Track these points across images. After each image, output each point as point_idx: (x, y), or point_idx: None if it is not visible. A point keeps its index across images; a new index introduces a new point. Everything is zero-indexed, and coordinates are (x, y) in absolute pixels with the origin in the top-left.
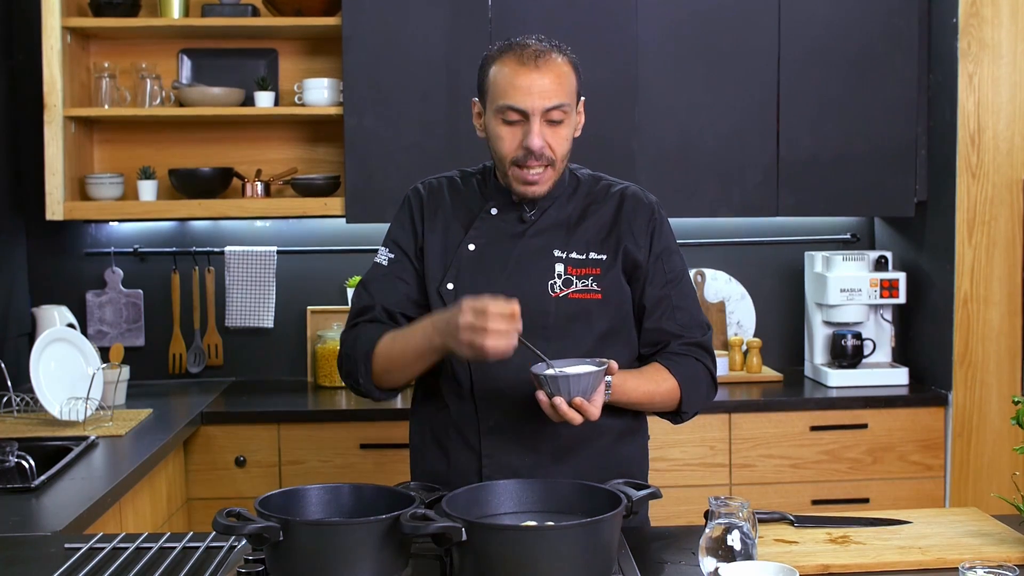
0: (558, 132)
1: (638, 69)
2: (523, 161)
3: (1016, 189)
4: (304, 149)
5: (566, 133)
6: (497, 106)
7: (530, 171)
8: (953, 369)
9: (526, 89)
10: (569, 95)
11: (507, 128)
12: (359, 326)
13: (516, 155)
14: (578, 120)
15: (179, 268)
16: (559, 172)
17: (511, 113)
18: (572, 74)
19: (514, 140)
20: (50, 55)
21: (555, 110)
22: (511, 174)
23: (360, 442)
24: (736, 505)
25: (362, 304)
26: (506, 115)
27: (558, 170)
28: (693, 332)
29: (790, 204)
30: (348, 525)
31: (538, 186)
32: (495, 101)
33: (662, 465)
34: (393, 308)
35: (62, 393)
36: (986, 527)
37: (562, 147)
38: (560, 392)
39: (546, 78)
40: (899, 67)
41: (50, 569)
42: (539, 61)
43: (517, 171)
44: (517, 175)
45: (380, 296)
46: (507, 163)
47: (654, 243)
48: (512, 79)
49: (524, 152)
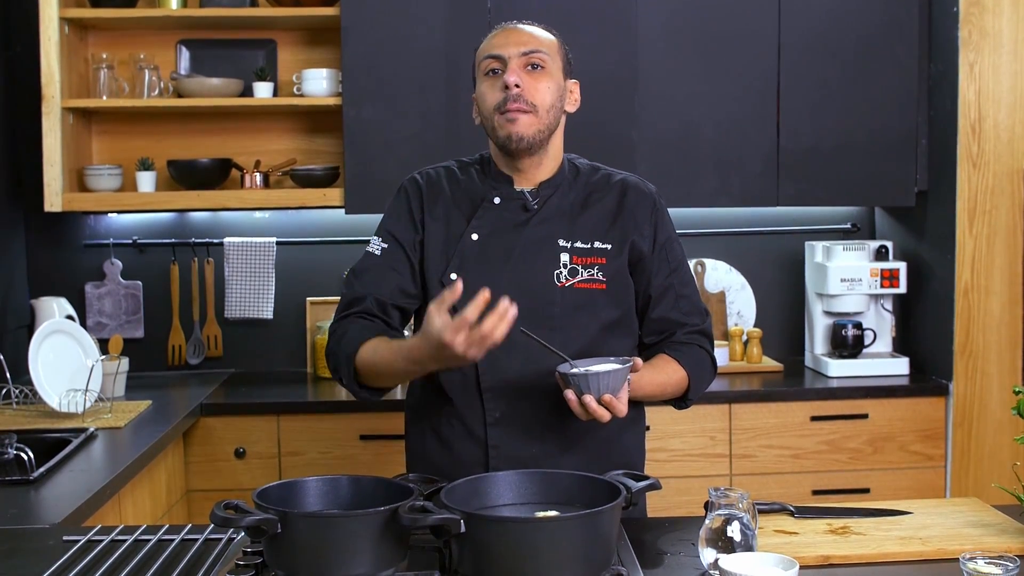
0: (539, 80)
1: (638, 58)
2: (503, 105)
3: (1017, 179)
4: (303, 140)
5: (548, 84)
6: (480, 67)
7: (510, 113)
8: (954, 359)
9: (503, 40)
10: (548, 48)
11: (489, 82)
12: (348, 319)
13: (498, 100)
14: (570, 95)
15: (178, 259)
16: (545, 125)
17: (491, 62)
18: (556, 44)
19: (495, 88)
20: (48, 46)
21: (532, 55)
22: (496, 123)
23: (360, 433)
24: (736, 496)
25: (353, 295)
26: (487, 68)
27: (542, 120)
28: (696, 320)
29: (790, 194)
30: (346, 517)
31: (518, 124)
32: (479, 66)
33: (662, 455)
34: (385, 299)
35: (61, 385)
36: (987, 517)
37: (543, 95)
38: (590, 390)
39: (522, 32)
40: (900, 56)
41: (49, 561)
42: (517, 24)
43: (499, 117)
44: (500, 121)
45: (372, 286)
46: (492, 114)
47: (658, 233)
48: (491, 40)
49: (503, 95)
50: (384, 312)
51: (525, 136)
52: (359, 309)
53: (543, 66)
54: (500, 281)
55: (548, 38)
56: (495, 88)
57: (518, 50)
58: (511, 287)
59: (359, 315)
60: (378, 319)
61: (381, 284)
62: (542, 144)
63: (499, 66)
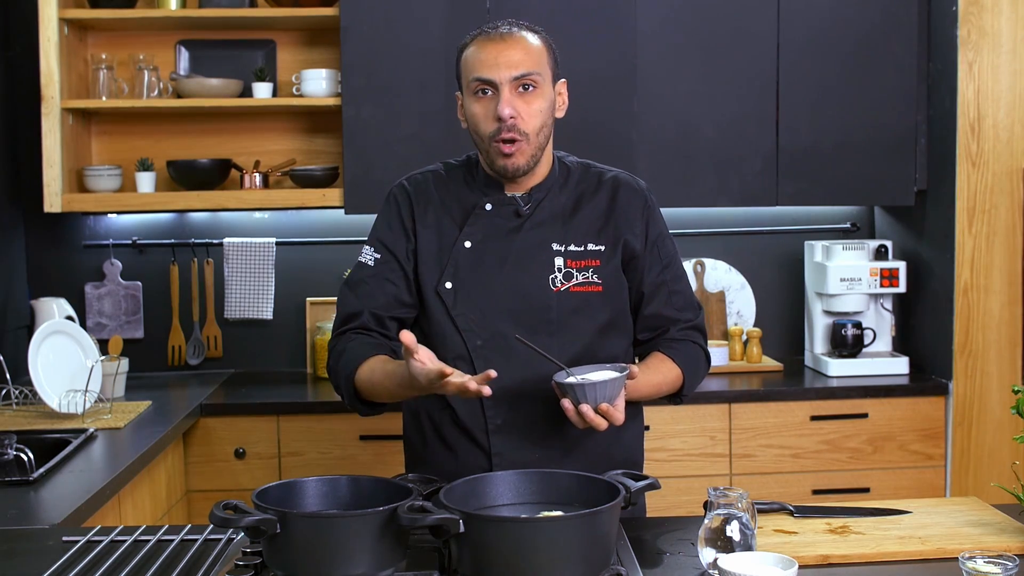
0: (531, 104)
1: (637, 58)
2: (498, 135)
3: (1016, 178)
4: (302, 140)
5: (540, 106)
6: (469, 83)
7: (505, 144)
8: (953, 358)
9: (493, 60)
10: (539, 66)
11: (480, 104)
12: (346, 336)
13: (491, 130)
14: (559, 100)
15: (178, 260)
16: (536, 147)
17: (481, 85)
18: (544, 50)
19: (488, 114)
20: (47, 47)
21: (524, 78)
22: (491, 150)
23: (360, 434)
24: (735, 495)
25: (349, 310)
26: (477, 90)
27: (533, 144)
28: (689, 315)
29: (790, 193)
30: (345, 517)
31: (513, 159)
32: (467, 80)
33: (661, 455)
34: (382, 313)
35: (61, 385)
36: (986, 517)
37: (535, 120)
38: (587, 400)
39: (512, 49)
40: (899, 55)
41: (48, 562)
42: (505, 35)
43: (495, 145)
44: (496, 149)
45: (367, 300)
46: (486, 140)
47: (649, 230)
48: (479, 54)
49: (497, 125)
50: (381, 326)
51: (520, 168)
52: (356, 325)
53: (535, 86)
54: (495, 288)
55: (536, 48)
56: (488, 115)
57: (509, 74)
58: (506, 293)
59: (356, 331)
60: (376, 333)
61: (377, 296)
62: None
63: (489, 89)
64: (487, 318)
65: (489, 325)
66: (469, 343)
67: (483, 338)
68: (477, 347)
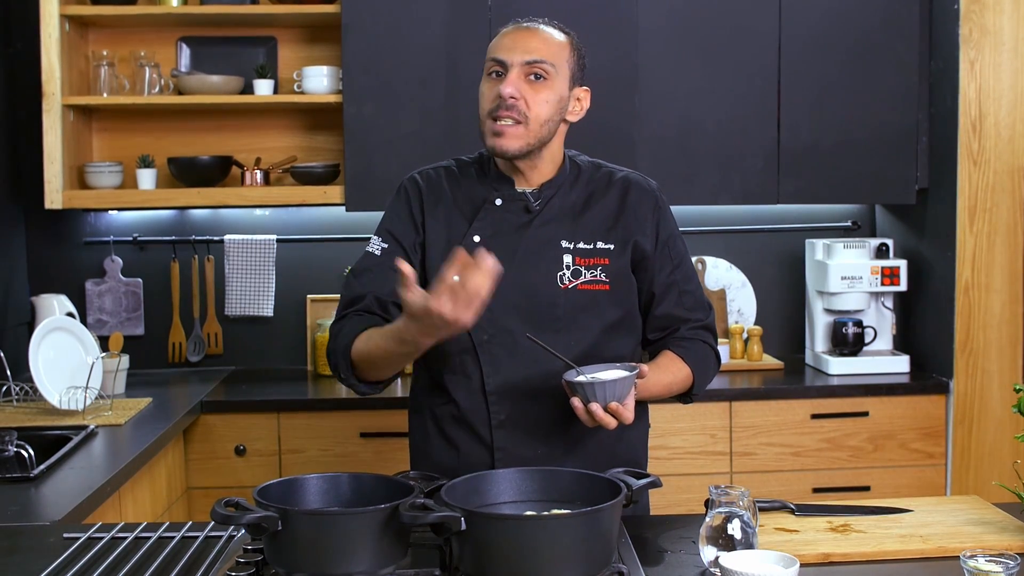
0: (538, 91)
1: (638, 56)
2: (496, 111)
3: (1017, 176)
4: (303, 137)
5: (547, 96)
6: (485, 65)
7: (498, 121)
8: (954, 357)
9: (510, 44)
10: (554, 58)
11: (489, 84)
12: (346, 318)
13: (491, 106)
14: (575, 104)
15: (178, 257)
16: (535, 137)
17: (493, 65)
18: (567, 48)
19: (492, 92)
20: (48, 43)
21: (536, 64)
22: (486, 128)
23: (360, 431)
24: (736, 493)
25: (352, 294)
26: (491, 71)
27: (532, 133)
28: (699, 315)
29: (791, 191)
30: (346, 515)
31: (505, 139)
32: (485, 63)
33: (663, 453)
34: (385, 297)
35: (61, 382)
36: (987, 515)
37: (540, 108)
38: (596, 398)
39: (532, 38)
40: (900, 53)
41: (49, 559)
42: (530, 27)
43: (491, 123)
44: (490, 127)
45: (372, 285)
46: (484, 118)
47: (660, 230)
48: (502, 40)
49: (497, 101)
50: (384, 310)
51: (509, 150)
52: (359, 307)
53: (546, 77)
54: (503, 283)
55: (557, 42)
56: (492, 91)
57: (522, 58)
58: (514, 289)
59: (358, 312)
60: (378, 316)
61: (382, 283)
62: (529, 156)
63: (500, 70)
64: (494, 313)
65: (496, 320)
66: (475, 338)
67: (489, 333)
68: (483, 342)
